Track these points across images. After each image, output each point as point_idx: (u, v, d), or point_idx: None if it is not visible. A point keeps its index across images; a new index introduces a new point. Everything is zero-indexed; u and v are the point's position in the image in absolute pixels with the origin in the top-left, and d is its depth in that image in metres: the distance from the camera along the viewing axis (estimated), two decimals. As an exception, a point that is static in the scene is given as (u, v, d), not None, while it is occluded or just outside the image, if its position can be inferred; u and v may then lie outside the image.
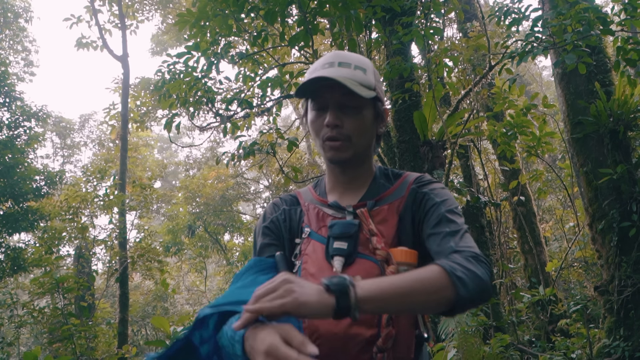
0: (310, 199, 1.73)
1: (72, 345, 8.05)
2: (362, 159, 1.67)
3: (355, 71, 1.57)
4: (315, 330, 1.47)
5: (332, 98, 1.57)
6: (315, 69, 1.60)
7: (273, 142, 6.42)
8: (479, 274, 1.35)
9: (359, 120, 1.59)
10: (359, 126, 1.59)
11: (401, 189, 1.65)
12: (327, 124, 1.57)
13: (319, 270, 1.52)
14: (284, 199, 1.79)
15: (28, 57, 21.26)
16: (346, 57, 1.61)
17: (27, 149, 12.98)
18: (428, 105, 6.04)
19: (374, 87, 1.61)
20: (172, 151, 36.87)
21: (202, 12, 5.81)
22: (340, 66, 1.57)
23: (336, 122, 1.56)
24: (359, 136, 1.60)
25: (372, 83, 1.60)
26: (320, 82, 1.55)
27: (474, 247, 1.46)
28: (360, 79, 1.57)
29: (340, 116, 1.57)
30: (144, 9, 17.95)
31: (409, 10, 5.89)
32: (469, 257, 1.39)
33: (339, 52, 1.63)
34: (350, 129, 1.58)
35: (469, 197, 7.03)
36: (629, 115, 6.34)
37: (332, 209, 1.65)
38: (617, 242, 6.24)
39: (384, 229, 1.56)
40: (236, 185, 22.35)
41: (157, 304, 20.98)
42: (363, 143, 1.63)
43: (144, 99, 14.84)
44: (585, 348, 6.63)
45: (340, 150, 1.59)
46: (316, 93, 1.59)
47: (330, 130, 1.57)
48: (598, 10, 4.84)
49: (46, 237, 12.77)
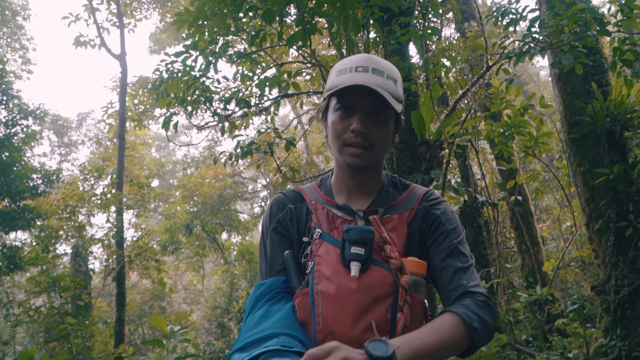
0: (316, 198, 1.72)
1: (69, 345, 8.03)
2: (376, 166, 1.68)
3: (388, 81, 1.58)
4: (330, 333, 1.47)
5: (362, 104, 1.57)
6: (348, 69, 1.59)
7: (271, 141, 6.42)
8: (489, 323, 1.47)
9: (384, 130, 1.60)
10: (383, 136, 1.60)
11: (410, 201, 1.67)
12: (355, 129, 1.56)
13: (334, 273, 1.52)
14: (288, 196, 1.77)
15: (26, 55, 21.22)
16: (380, 64, 1.60)
17: (24, 147, 12.96)
18: (426, 105, 6.04)
19: (401, 98, 1.62)
20: (169, 150, 36.83)
21: (201, 11, 5.80)
22: (374, 73, 1.57)
23: (364, 130, 1.56)
24: (381, 145, 1.61)
25: (400, 95, 1.62)
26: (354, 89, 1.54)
27: (481, 286, 1.56)
28: (391, 90, 1.57)
29: (367, 124, 1.57)
30: (142, 8, 17.95)
31: (406, 11, 5.89)
32: (480, 304, 1.49)
33: (372, 57, 1.62)
34: (375, 138, 1.59)
35: (467, 197, 7.04)
36: (626, 116, 6.36)
37: (341, 211, 1.65)
38: (614, 242, 6.25)
39: (394, 237, 1.58)
40: (234, 185, 22.36)
41: (154, 303, 20.98)
42: (383, 152, 1.65)
43: (142, 97, 14.82)
44: (582, 347, 6.64)
45: (361, 157, 1.59)
46: (345, 95, 1.58)
47: (356, 137, 1.57)
48: (595, 11, 4.85)
49: (43, 235, 12.76)
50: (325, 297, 1.50)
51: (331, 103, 1.64)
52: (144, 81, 16.24)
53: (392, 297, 1.48)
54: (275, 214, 1.73)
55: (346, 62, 1.62)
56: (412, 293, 1.50)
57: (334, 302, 1.48)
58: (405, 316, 1.46)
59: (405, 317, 1.46)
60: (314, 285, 1.53)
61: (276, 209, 1.74)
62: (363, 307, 1.46)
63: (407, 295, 1.48)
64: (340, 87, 1.56)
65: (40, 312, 9.30)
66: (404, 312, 1.46)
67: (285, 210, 1.72)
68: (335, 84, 1.59)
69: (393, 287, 1.49)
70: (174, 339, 4.37)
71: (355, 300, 1.47)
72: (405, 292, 1.47)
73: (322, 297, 1.50)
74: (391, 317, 1.46)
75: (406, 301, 1.47)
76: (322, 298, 1.50)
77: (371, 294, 1.47)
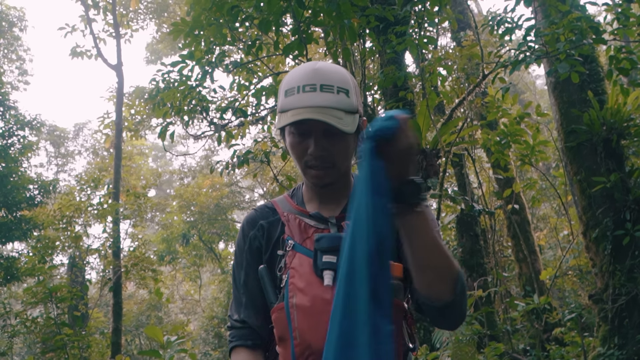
0: (288, 209, 1.69)
1: (65, 355, 8.00)
2: (343, 177, 1.64)
3: (339, 95, 1.49)
4: (308, 347, 1.45)
5: (316, 126, 1.49)
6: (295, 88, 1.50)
7: (267, 150, 6.42)
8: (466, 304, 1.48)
9: (344, 146, 1.55)
10: (343, 152, 1.55)
11: None
12: (312, 154, 1.52)
13: (308, 284, 1.50)
14: (260, 211, 1.74)
15: (22, 66, 21.21)
16: (328, 77, 1.50)
17: (21, 158, 12.93)
18: (422, 114, 6.05)
19: (357, 108, 1.54)
20: (166, 160, 36.80)
21: (197, 21, 5.81)
22: (323, 90, 1.47)
23: (322, 153, 1.52)
24: (342, 161, 1.57)
25: (355, 105, 1.53)
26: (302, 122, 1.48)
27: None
28: (344, 104, 1.49)
29: (324, 144, 1.52)
30: (138, 18, 17.99)
31: (402, 20, 5.91)
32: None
33: (319, 69, 1.52)
34: (336, 156, 1.54)
35: (463, 206, 7.03)
36: (622, 124, 6.37)
37: (313, 219, 1.62)
38: (611, 250, 6.25)
39: None
40: (231, 194, 22.33)
41: (151, 313, 20.89)
42: (346, 165, 1.61)
43: (139, 107, 14.83)
44: (580, 357, 6.63)
45: (324, 177, 1.56)
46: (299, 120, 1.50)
47: (315, 160, 1.53)
48: (590, 19, 4.87)
49: (39, 246, 12.71)
50: (301, 311, 1.47)
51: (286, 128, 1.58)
52: (140, 91, 16.24)
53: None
54: (247, 232, 1.70)
55: (293, 78, 1.53)
56: None
57: (310, 314, 1.46)
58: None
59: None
60: (288, 299, 1.50)
61: (247, 228, 1.71)
62: None
63: None
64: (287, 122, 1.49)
65: (37, 322, 9.26)
66: None
67: (256, 227, 1.69)
68: (284, 106, 1.52)
69: None
70: (171, 350, 4.35)
71: (330, 311, 1.43)
72: None
73: (298, 311, 1.48)
74: None
75: None
76: (297, 311, 1.48)
77: None
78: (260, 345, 1.63)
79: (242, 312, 1.65)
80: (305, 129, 1.52)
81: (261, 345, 1.62)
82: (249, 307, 1.65)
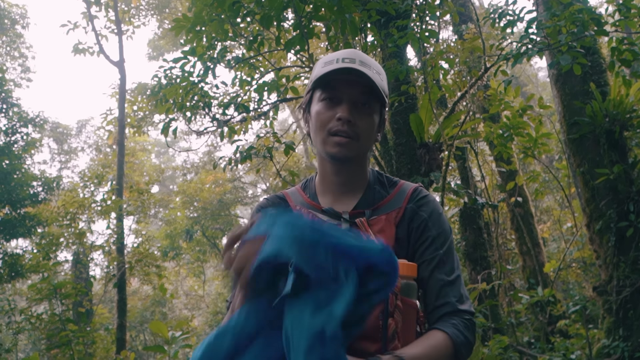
0: (301, 202, 1.67)
1: (70, 352, 8.03)
2: (361, 160, 1.63)
3: (374, 75, 1.54)
4: None
5: (349, 93, 1.53)
6: (334, 60, 1.55)
7: (270, 146, 6.41)
8: (471, 342, 1.48)
9: (370, 122, 1.56)
10: (369, 128, 1.56)
11: (398, 200, 1.62)
12: (341, 117, 1.52)
13: None
14: (271, 200, 1.73)
15: (25, 63, 21.25)
16: (366, 58, 1.57)
17: (24, 155, 12.97)
18: (424, 108, 6.04)
19: (387, 94, 1.59)
20: (169, 156, 36.82)
21: (198, 17, 5.81)
22: (361, 65, 1.53)
23: (350, 118, 1.52)
24: (367, 136, 1.57)
25: (386, 90, 1.59)
26: (343, 74, 1.52)
27: (468, 300, 1.54)
28: (378, 82, 1.54)
29: (354, 113, 1.53)
30: (140, 15, 17.97)
31: (404, 14, 5.89)
32: (467, 323, 1.49)
33: (359, 52, 1.58)
34: (361, 128, 1.54)
35: (467, 199, 7.03)
36: (625, 115, 6.36)
37: (326, 215, 1.60)
38: (615, 242, 6.25)
39: (382, 239, 1.48)
40: (234, 190, 22.34)
41: (156, 309, 20.96)
42: (368, 145, 1.60)
43: (141, 103, 14.83)
44: (584, 349, 6.63)
45: (346, 147, 1.54)
46: (331, 85, 1.55)
47: (342, 125, 1.52)
48: (592, 11, 4.85)
49: (44, 243, 12.76)
50: None
51: (315, 95, 1.60)
52: (142, 87, 16.27)
53: (382, 303, 1.41)
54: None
55: (333, 55, 1.58)
56: (404, 297, 1.44)
57: None
58: (395, 322, 1.40)
59: (396, 323, 1.40)
60: None
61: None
62: None
63: (398, 299, 1.42)
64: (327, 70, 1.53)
65: (41, 319, 9.29)
66: (395, 318, 1.40)
67: None
68: (320, 73, 1.55)
69: None
70: (176, 345, 4.36)
71: None
72: (395, 297, 1.41)
73: None
74: (382, 324, 1.40)
75: (397, 306, 1.41)
76: None
77: None
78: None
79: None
80: (337, 95, 1.55)
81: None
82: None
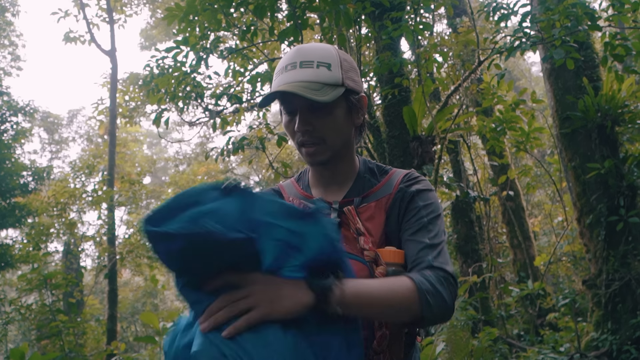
0: (294, 193, 1.68)
1: (61, 342, 8.01)
2: (341, 156, 1.61)
3: (319, 70, 1.50)
4: None
5: (299, 102, 1.50)
6: (281, 69, 1.54)
7: (263, 137, 6.40)
8: (445, 298, 1.37)
9: (330, 120, 1.53)
10: (331, 126, 1.54)
11: (388, 186, 1.61)
12: (297, 129, 1.52)
13: None
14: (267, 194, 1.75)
15: (15, 51, 21.08)
16: (308, 53, 1.53)
17: (14, 145, 12.89)
18: (417, 101, 6.04)
19: (341, 81, 1.53)
20: (161, 147, 36.69)
21: (191, 6, 5.78)
22: (303, 67, 1.50)
23: (306, 128, 1.51)
24: (333, 136, 1.54)
25: (338, 78, 1.52)
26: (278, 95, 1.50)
27: (449, 264, 1.46)
28: (324, 77, 1.50)
29: (309, 119, 1.51)
30: (132, 3, 17.85)
31: (398, 6, 5.88)
32: (441, 278, 1.40)
33: (302, 48, 1.56)
34: (323, 131, 1.52)
35: (459, 192, 7.05)
36: (617, 110, 6.38)
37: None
38: (605, 236, 6.28)
39: (371, 226, 1.53)
40: (226, 181, 22.29)
41: (147, 301, 20.94)
42: (339, 142, 1.57)
43: (133, 93, 14.74)
44: (573, 342, 6.68)
45: (316, 154, 1.54)
46: (283, 97, 1.54)
47: (302, 135, 1.52)
48: (586, 6, 4.86)
49: (34, 233, 12.72)
50: None
51: (281, 108, 1.60)
52: (134, 77, 16.16)
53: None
54: None
55: (281, 61, 1.57)
56: None
57: None
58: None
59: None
60: None
61: None
62: None
63: None
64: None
65: (31, 309, 9.26)
66: None
67: None
68: (272, 88, 1.56)
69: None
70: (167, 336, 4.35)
71: None
72: None
73: None
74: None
75: None
76: None
77: None
78: None
79: None
80: (290, 107, 1.54)
81: None
82: None
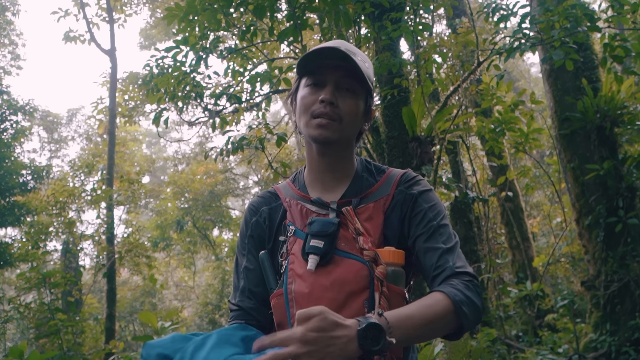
0: (291, 195, 1.68)
1: (59, 341, 8.00)
2: (345, 145, 1.63)
3: (359, 61, 1.54)
4: None
5: (333, 77, 1.55)
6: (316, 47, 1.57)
7: (262, 137, 6.40)
8: (476, 303, 1.41)
9: (353, 105, 1.57)
10: (352, 109, 1.57)
11: (386, 186, 1.62)
12: (323, 99, 1.52)
13: (307, 270, 1.49)
14: (263, 197, 1.75)
15: (15, 50, 21.02)
16: (351, 47, 1.59)
17: (14, 143, 12.88)
18: (417, 101, 6.05)
19: (372, 82, 1.60)
20: (160, 146, 36.67)
21: (191, 6, 5.78)
22: (347, 51, 1.54)
23: (332, 99, 1.53)
24: (350, 120, 1.57)
25: (372, 77, 1.60)
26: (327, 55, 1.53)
27: (467, 264, 1.50)
28: (363, 69, 1.54)
29: (336, 95, 1.54)
30: (132, 3, 17.82)
31: (398, 6, 5.88)
32: (467, 283, 1.43)
33: (344, 42, 1.60)
34: (344, 110, 1.55)
35: (457, 193, 7.06)
36: (616, 112, 6.39)
37: (315, 205, 1.60)
38: (604, 237, 6.29)
39: (370, 227, 1.54)
40: (225, 181, 22.31)
41: (145, 300, 20.91)
42: (351, 129, 1.60)
43: (132, 93, 14.74)
44: (572, 343, 6.68)
45: (328, 129, 1.54)
46: (316, 71, 1.57)
47: (324, 107, 1.53)
48: (585, 7, 4.87)
49: (33, 231, 12.69)
50: (299, 296, 1.48)
51: (302, 82, 1.62)
52: (134, 77, 16.14)
53: (368, 291, 1.44)
54: (249, 219, 1.71)
55: (319, 45, 1.60)
56: (390, 284, 1.44)
57: (308, 300, 1.44)
58: (382, 309, 1.38)
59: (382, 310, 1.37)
60: (287, 285, 1.50)
61: (249, 215, 1.72)
62: (338, 303, 1.43)
63: (384, 287, 1.43)
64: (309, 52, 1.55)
65: (30, 308, 9.25)
66: (381, 305, 1.41)
67: (258, 213, 1.70)
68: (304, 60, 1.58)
69: (368, 279, 1.44)
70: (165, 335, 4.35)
71: (329, 297, 1.44)
72: (381, 284, 1.43)
73: (296, 297, 1.48)
74: (368, 311, 1.41)
75: (382, 293, 1.42)
76: (295, 298, 1.48)
77: (346, 288, 1.44)
78: (254, 325, 1.58)
79: (237, 296, 1.65)
80: (321, 80, 1.56)
81: (256, 325, 1.58)
82: (245, 291, 1.64)
